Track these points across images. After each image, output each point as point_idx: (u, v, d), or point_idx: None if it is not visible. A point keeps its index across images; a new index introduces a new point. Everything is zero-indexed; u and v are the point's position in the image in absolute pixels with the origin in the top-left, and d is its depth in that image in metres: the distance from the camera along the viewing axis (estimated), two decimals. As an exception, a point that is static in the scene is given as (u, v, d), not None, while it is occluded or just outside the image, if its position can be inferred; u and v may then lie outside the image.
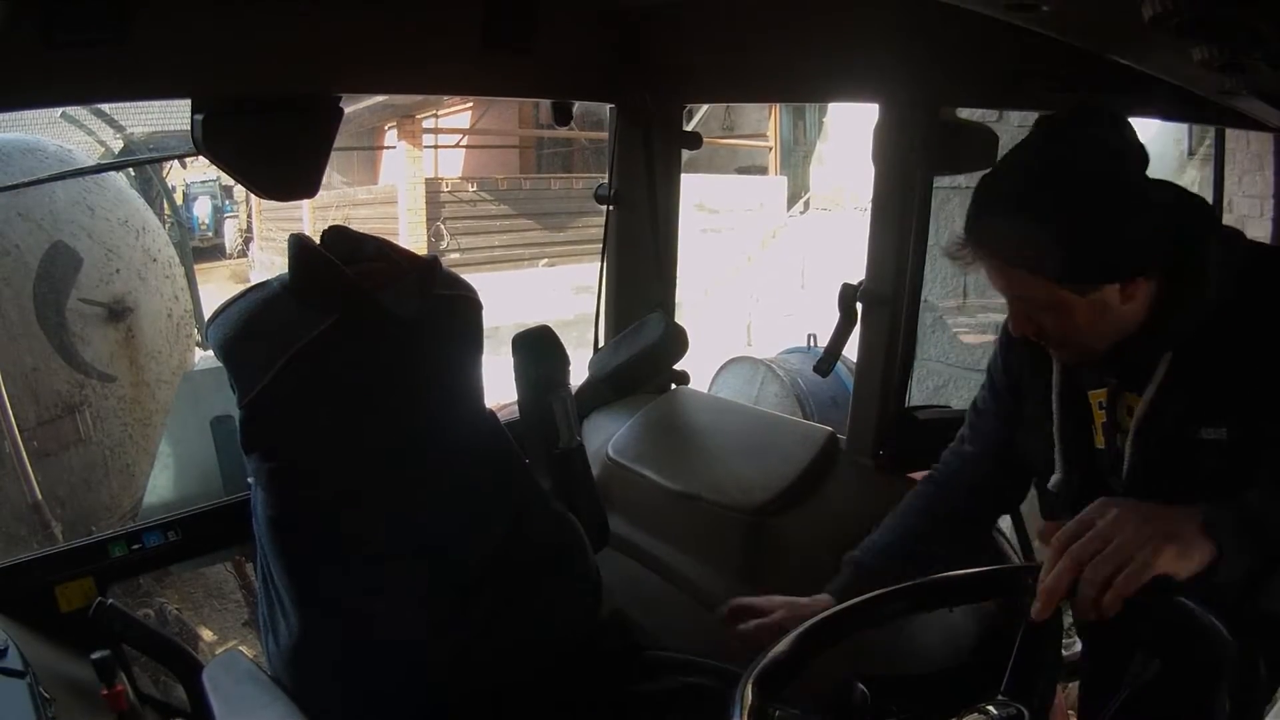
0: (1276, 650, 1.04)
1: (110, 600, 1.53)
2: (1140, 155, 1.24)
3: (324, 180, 1.71)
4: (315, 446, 1.19)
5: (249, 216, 14.25)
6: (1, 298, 3.87)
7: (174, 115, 1.57)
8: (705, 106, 8.31)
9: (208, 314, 5.60)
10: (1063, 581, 1.07)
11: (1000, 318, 1.62)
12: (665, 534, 2.07)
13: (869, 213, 2.01)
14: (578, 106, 2.28)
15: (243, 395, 1.37)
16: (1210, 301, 1.24)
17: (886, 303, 1.99)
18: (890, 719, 1.17)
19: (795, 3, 1.91)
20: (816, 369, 2.16)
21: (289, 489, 1.38)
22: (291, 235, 1.41)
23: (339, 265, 1.40)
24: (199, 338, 5.10)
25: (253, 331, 1.39)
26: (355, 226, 1.53)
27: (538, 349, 1.82)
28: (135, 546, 1.73)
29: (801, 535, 1.96)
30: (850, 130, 10.70)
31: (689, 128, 2.42)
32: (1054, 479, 1.42)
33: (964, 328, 5.00)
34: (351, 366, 1.21)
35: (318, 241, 1.48)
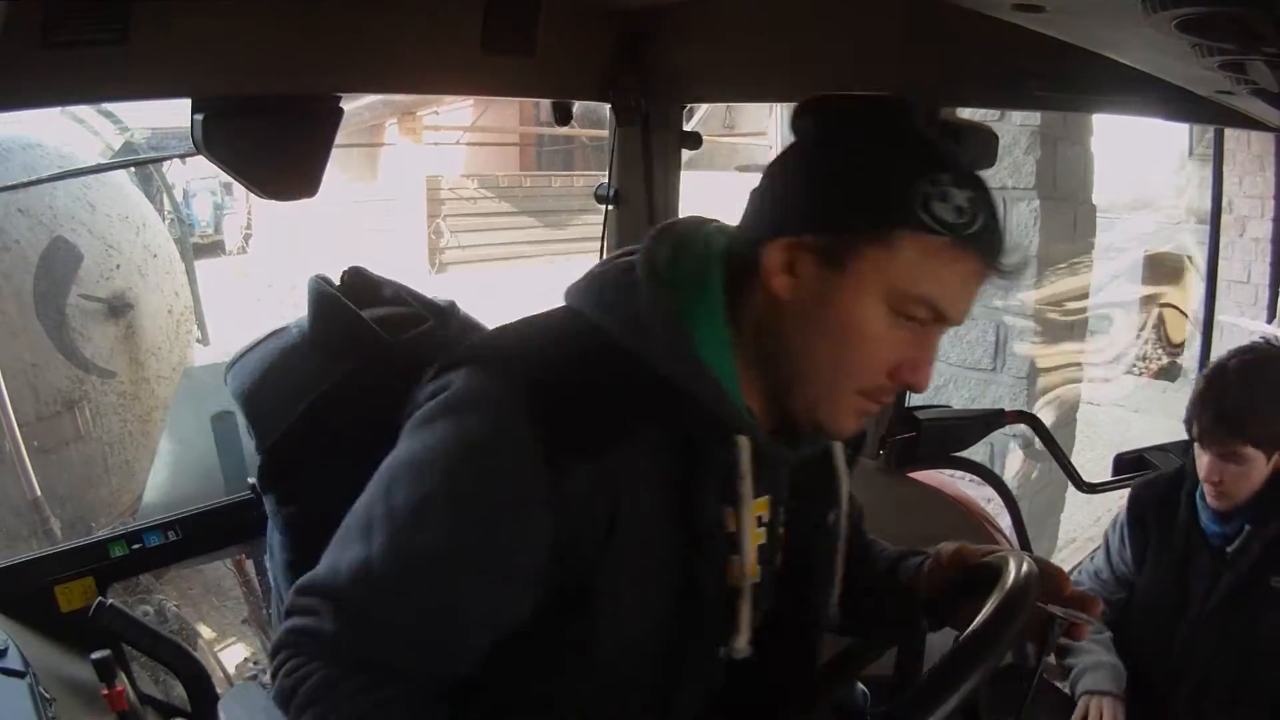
0: None
1: (110, 600, 1.54)
2: None
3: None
4: (333, 493, 1.17)
5: (249, 214, 14.24)
6: (1, 293, 3.88)
7: (175, 112, 1.57)
8: (705, 106, 8.31)
9: (208, 312, 5.61)
10: None
11: (1001, 319, 1.60)
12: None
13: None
14: (578, 105, 2.28)
15: (260, 442, 1.37)
16: None
17: (886, 303, 1.99)
18: None
19: (795, 3, 1.91)
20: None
21: (306, 534, 1.36)
22: (311, 279, 1.40)
23: (357, 313, 1.38)
24: (199, 334, 5.11)
25: (270, 380, 1.37)
26: (355, 224, 1.52)
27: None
28: (135, 546, 1.73)
29: (801, 535, 1.96)
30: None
31: (689, 128, 2.42)
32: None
33: (964, 328, 5.00)
34: (368, 414, 1.21)
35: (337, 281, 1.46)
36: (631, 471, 0.98)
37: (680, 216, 1.17)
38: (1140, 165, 7.91)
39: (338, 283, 1.44)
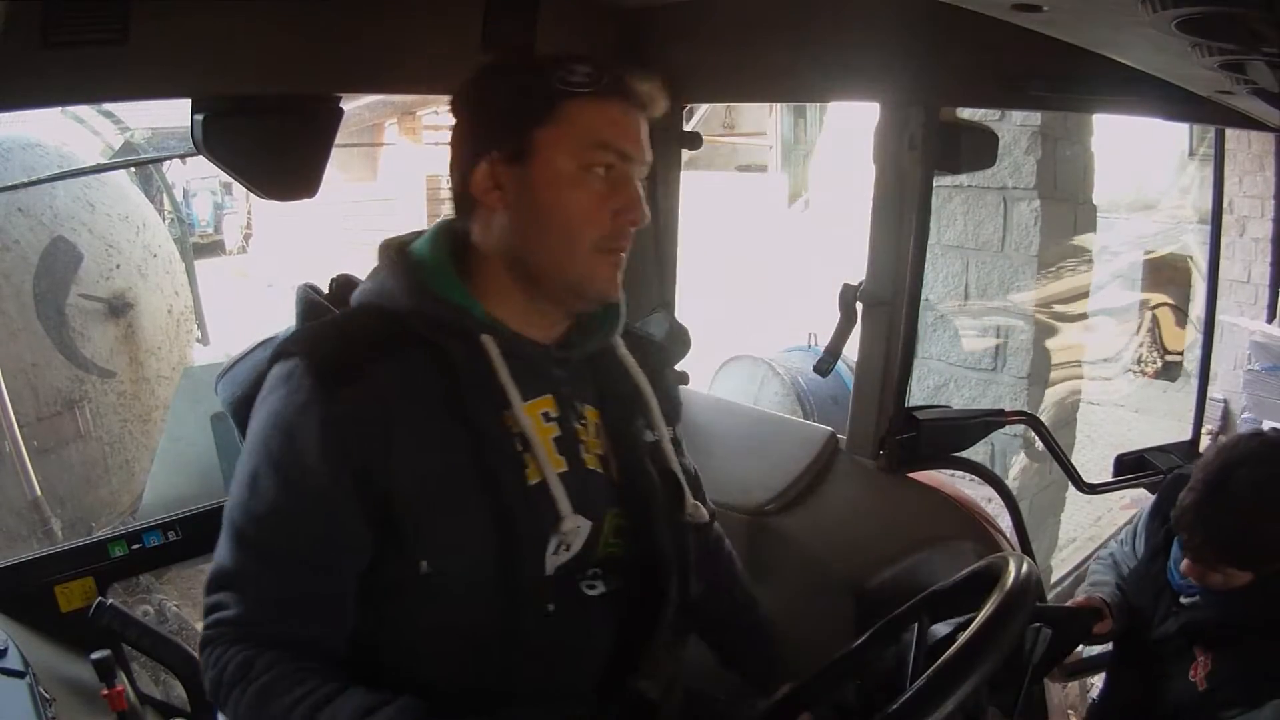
0: None
1: (110, 600, 1.54)
2: None
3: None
4: None
5: (249, 214, 14.24)
6: (1, 293, 3.88)
7: (175, 112, 1.59)
8: (705, 106, 8.32)
9: (208, 312, 5.59)
10: None
11: (1001, 319, 1.60)
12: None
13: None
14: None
15: None
16: None
17: (886, 302, 2.00)
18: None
19: (795, 3, 1.91)
20: (816, 369, 2.17)
21: None
22: (299, 287, 1.41)
23: None
24: (199, 334, 5.11)
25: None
26: (353, 223, 1.53)
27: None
28: (135, 546, 1.73)
29: (801, 535, 1.96)
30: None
31: (689, 128, 2.42)
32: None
33: (965, 328, 5.00)
34: None
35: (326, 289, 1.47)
36: (397, 388, 1.13)
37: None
38: (1140, 165, 7.91)
39: (326, 291, 1.44)
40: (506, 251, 1.21)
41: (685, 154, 2.38)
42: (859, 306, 2.04)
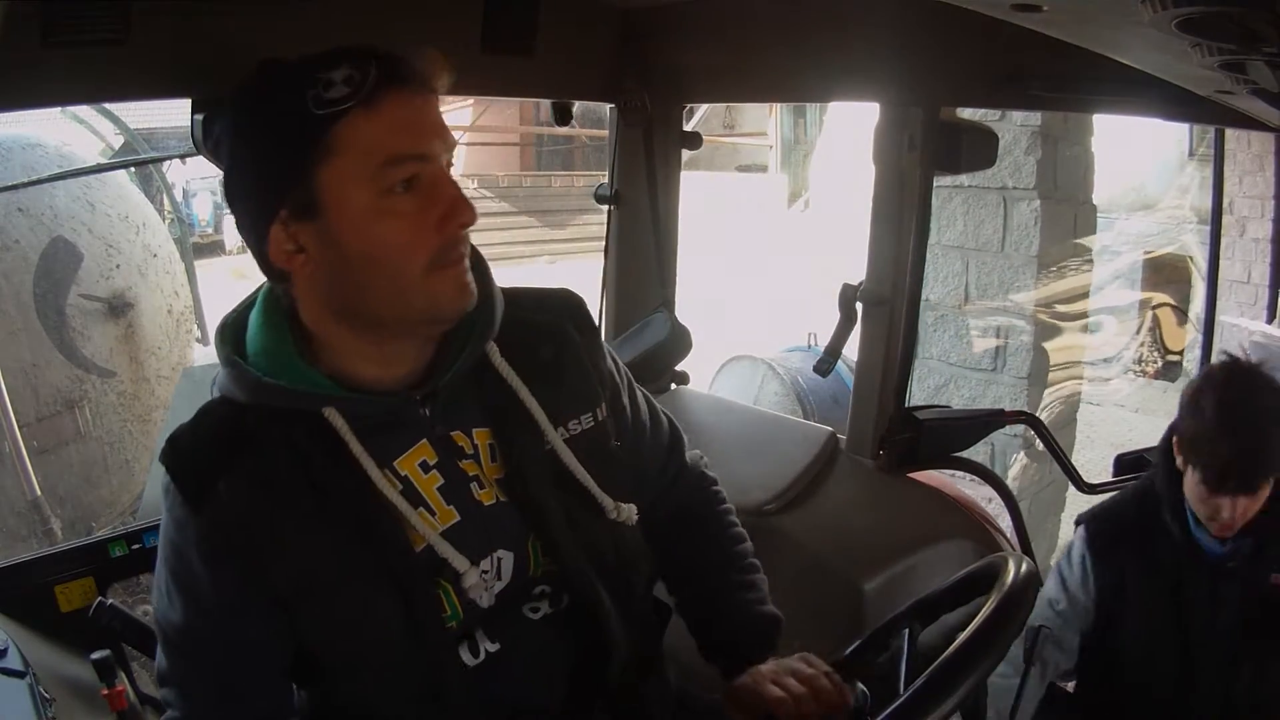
0: None
1: (110, 600, 1.53)
2: None
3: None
4: None
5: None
6: (1, 293, 3.87)
7: (175, 111, 1.60)
8: (705, 106, 8.32)
9: (208, 312, 5.57)
10: None
11: (1001, 319, 1.60)
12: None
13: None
14: (579, 104, 2.28)
15: None
16: None
17: (886, 302, 2.00)
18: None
19: (795, 3, 1.91)
20: (816, 369, 2.17)
21: None
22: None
23: None
24: (199, 334, 5.10)
25: None
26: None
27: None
28: (135, 546, 1.73)
29: (802, 535, 1.96)
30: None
31: (689, 127, 2.42)
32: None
33: (965, 328, 5.00)
34: None
35: None
36: (259, 490, 1.07)
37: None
38: (1140, 165, 7.91)
39: None
40: (338, 310, 1.08)
41: (685, 154, 2.38)
42: (859, 306, 2.04)
